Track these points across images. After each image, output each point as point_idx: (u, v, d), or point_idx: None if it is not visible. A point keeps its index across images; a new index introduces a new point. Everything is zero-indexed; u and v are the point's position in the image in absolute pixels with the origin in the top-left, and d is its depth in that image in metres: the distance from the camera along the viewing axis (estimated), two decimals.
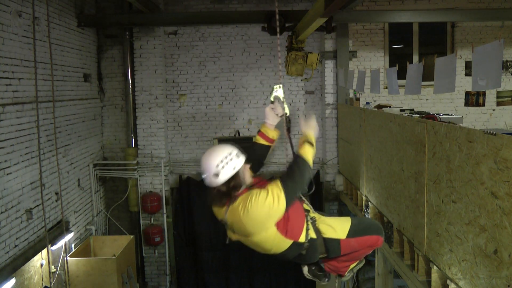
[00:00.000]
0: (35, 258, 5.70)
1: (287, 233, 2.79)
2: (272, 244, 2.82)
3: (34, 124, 5.49)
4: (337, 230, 3.01)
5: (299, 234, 2.87)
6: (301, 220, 2.91)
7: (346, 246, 3.04)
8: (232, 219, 2.73)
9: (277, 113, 3.12)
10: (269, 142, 3.12)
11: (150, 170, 8.16)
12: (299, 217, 2.90)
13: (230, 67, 8.48)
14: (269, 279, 8.64)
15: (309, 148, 2.90)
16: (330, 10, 4.74)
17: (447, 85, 3.68)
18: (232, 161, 2.71)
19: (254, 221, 2.64)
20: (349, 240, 3.02)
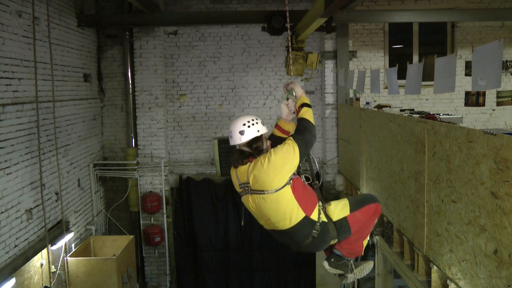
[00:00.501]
0: (35, 258, 5.70)
1: (301, 203, 3.06)
2: (286, 210, 3.03)
3: (34, 124, 5.49)
4: (341, 210, 3.30)
5: (311, 209, 3.12)
6: (314, 199, 3.21)
7: (354, 220, 3.32)
8: (254, 172, 3.01)
9: (290, 110, 3.46)
10: (285, 134, 3.44)
11: (150, 170, 8.16)
12: (312, 195, 3.21)
13: (230, 67, 8.48)
14: (269, 279, 8.64)
15: (307, 109, 3.30)
16: (330, 10, 4.74)
17: (447, 85, 3.68)
18: (257, 125, 3.09)
19: (275, 168, 2.96)
20: (354, 214, 3.32)
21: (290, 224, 3.07)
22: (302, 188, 3.12)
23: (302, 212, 3.06)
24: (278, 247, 8.40)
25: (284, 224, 3.08)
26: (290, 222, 3.06)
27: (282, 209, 3.04)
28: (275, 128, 3.50)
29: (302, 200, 3.07)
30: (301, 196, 3.07)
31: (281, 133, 3.45)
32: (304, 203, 3.08)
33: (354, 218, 3.32)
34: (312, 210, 3.12)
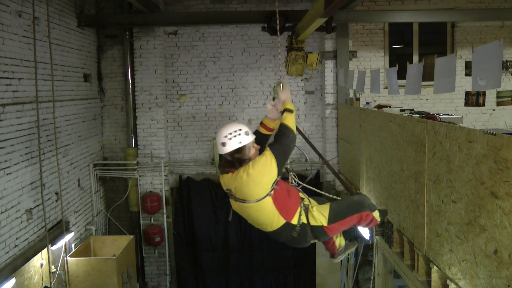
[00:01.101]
0: (35, 258, 5.70)
1: (282, 211, 3.19)
2: (267, 218, 3.20)
3: (34, 124, 5.49)
4: (318, 219, 3.33)
5: (292, 215, 3.24)
6: (296, 204, 3.30)
7: (331, 230, 3.37)
8: (235, 184, 3.12)
9: (277, 109, 3.50)
10: (269, 132, 3.56)
11: (150, 170, 8.16)
12: (294, 200, 3.29)
13: (230, 67, 8.48)
14: (269, 279, 8.64)
15: (289, 115, 3.31)
16: (330, 10, 4.74)
17: (447, 85, 3.68)
18: (239, 136, 3.10)
19: (254, 182, 3.04)
20: (332, 226, 3.35)
21: (272, 229, 3.27)
22: (284, 197, 3.20)
23: (283, 219, 3.21)
24: (278, 247, 8.41)
25: (266, 228, 3.29)
26: (271, 227, 3.25)
27: (263, 217, 3.20)
28: (260, 126, 3.57)
29: (283, 209, 3.19)
30: (282, 205, 3.18)
31: (266, 131, 3.53)
32: (285, 211, 3.21)
33: (332, 228, 3.37)
34: (293, 216, 3.25)
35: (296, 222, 3.26)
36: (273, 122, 3.53)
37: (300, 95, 8.59)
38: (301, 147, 8.59)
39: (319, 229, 3.34)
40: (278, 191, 3.17)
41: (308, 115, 8.64)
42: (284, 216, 3.21)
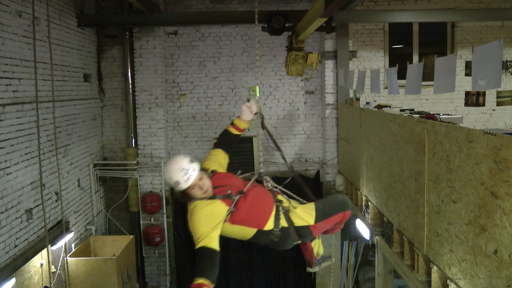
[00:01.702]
0: (35, 258, 5.70)
1: (248, 223, 3.11)
2: (233, 234, 3.16)
3: (34, 124, 5.49)
4: (304, 218, 3.25)
5: (263, 223, 3.15)
6: (267, 210, 3.19)
7: (316, 229, 3.31)
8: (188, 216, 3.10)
9: (251, 111, 3.52)
10: (239, 132, 3.58)
11: (150, 170, 8.16)
12: (262, 208, 3.18)
13: (230, 67, 8.48)
14: (269, 279, 8.64)
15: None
16: (330, 10, 4.74)
17: (447, 85, 3.68)
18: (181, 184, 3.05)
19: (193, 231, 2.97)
20: (318, 224, 3.28)
21: (246, 239, 3.23)
22: (246, 210, 3.10)
23: (253, 229, 3.14)
24: None
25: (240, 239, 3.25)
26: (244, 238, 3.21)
27: (230, 235, 3.18)
28: (231, 126, 3.55)
29: (249, 221, 3.12)
30: (246, 218, 3.10)
31: (236, 131, 3.55)
32: (252, 221, 3.12)
33: (317, 227, 3.30)
34: (265, 222, 3.15)
35: (272, 227, 3.17)
36: (244, 123, 3.54)
37: (300, 95, 8.59)
38: (301, 147, 8.63)
39: (304, 229, 3.26)
40: (236, 213, 3.09)
41: (308, 115, 8.64)
42: (252, 226, 3.14)
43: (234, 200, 3.08)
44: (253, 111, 3.51)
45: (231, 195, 3.11)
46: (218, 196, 3.08)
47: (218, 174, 3.32)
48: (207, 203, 3.03)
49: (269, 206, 3.21)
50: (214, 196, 3.09)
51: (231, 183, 3.21)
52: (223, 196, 3.09)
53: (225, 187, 3.15)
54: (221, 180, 3.23)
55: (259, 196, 3.21)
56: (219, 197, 3.08)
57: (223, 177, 3.29)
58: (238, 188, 3.18)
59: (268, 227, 3.15)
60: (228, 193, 3.11)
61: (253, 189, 3.24)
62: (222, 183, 3.19)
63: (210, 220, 2.95)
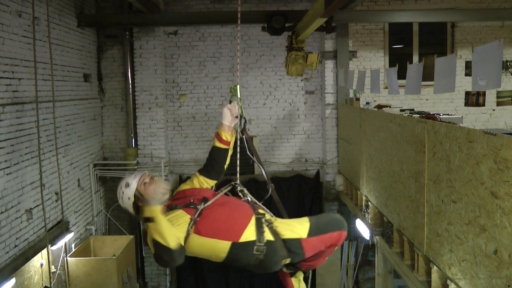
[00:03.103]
0: (35, 258, 5.69)
1: (217, 234, 2.62)
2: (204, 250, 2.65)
3: (34, 124, 5.49)
4: (296, 229, 2.78)
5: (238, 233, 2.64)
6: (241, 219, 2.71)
7: (309, 246, 2.78)
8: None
9: (233, 114, 3.07)
10: (224, 145, 3.05)
11: (150, 170, 8.15)
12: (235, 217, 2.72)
13: (230, 67, 8.48)
14: (269, 279, 8.63)
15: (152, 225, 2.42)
16: (330, 10, 4.74)
17: (447, 85, 3.68)
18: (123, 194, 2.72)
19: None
20: (310, 239, 2.76)
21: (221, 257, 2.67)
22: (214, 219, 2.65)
23: (227, 242, 2.62)
24: None
25: (215, 259, 2.71)
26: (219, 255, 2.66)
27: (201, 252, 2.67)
28: (215, 138, 3.07)
29: (220, 232, 2.62)
30: (216, 229, 2.62)
31: (220, 143, 3.06)
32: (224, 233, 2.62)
33: (310, 243, 2.77)
34: (241, 233, 2.64)
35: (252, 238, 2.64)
36: (226, 132, 3.04)
37: (300, 95, 8.59)
38: (301, 147, 8.63)
39: (295, 243, 2.73)
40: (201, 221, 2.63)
41: (308, 115, 8.63)
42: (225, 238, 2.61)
43: (197, 209, 2.65)
44: (234, 114, 3.06)
45: (193, 203, 2.71)
46: (179, 206, 2.69)
47: (186, 190, 2.94)
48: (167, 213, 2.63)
49: (245, 216, 2.73)
50: (174, 206, 2.70)
51: (196, 194, 2.83)
52: (184, 205, 2.69)
53: (187, 197, 2.79)
54: (184, 193, 2.88)
55: (232, 205, 2.79)
56: (180, 206, 2.69)
57: (189, 190, 2.92)
58: (202, 198, 2.76)
59: (245, 238, 2.62)
60: (190, 201, 2.72)
61: (224, 199, 2.85)
62: (184, 195, 2.85)
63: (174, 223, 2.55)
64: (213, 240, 2.61)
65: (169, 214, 2.63)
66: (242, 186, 3.01)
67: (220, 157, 3.07)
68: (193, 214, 2.62)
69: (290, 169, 8.63)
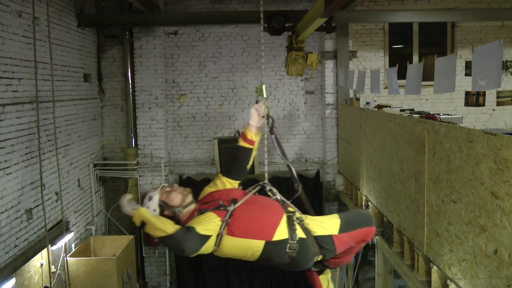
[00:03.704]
0: (35, 258, 5.69)
1: (250, 234, 2.69)
2: (238, 250, 2.72)
3: (34, 124, 5.49)
4: (327, 226, 2.83)
5: (271, 232, 2.70)
6: (273, 218, 2.77)
7: (340, 242, 2.83)
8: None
9: (260, 114, 3.10)
10: (249, 144, 3.08)
11: (150, 170, 8.16)
12: (267, 216, 2.77)
13: (230, 67, 8.48)
14: (269, 279, 8.63)
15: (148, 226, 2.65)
16: (330, 10, 4.74)
17: (447, 85, 3.68)
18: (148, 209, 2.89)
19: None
20: (342, 236, 2.82)
21: (255, 256, 2.74)
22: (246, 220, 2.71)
23: (260, 242, 2.68)
24: None
25: (249, 258, 2.78)
26: (254, 255, 2.73)
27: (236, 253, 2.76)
28: (240, 137, 3.10)
29: (253, 232, 2.69)
30: (248, 229, 2.69)
31: (245, 143, 3.07)
32: (257, 232, 2.69)
33: (342, 239, 2.83)
34: (274, 231, 2.70)
35: (285, 236, 2.70)
36: (252, 132, 3.06)
37: (300, 95, 8.59)
38: (301, 147, 8.62)
39: (327, 240, 2.80)
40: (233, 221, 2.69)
41: (308, 115, 8.64)
42: (258, 238, 2.69)
43: (228, 210, 2.71)
44: (261, 114, 3.08)
45: (223, 205, 2.76)
46: (209, 209, 2.75)
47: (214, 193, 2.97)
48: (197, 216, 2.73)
49: (277, 214, 2.80)
50: (204, 210, 2.76)
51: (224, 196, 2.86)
52: (214, 208, 2.75)
53: (216, 200, 2.83)
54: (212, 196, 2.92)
55: (262, 204, 2.84)
56: (210, 209, 2.75)
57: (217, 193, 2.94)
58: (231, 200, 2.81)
59: (278, 237, 2.69)
60: (219, 204, 2.77)
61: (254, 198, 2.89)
62: (212, 198, 2.88)
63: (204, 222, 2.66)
64: (247, 240, 2.68)
65: (201, 215, 2.70)
66: (270, 186, 3.04)
67: (244, 156, 3.09)
68: (224, 215, 2.68)
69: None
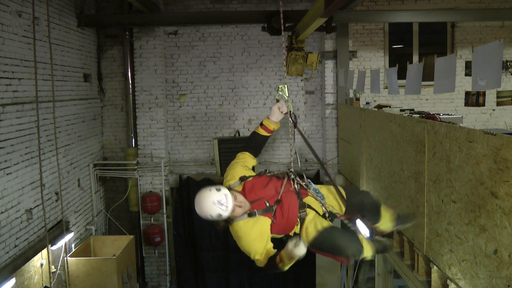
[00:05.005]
0: (35, 258, 5.70)
1: (281, 231, 3.11)
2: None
3: (34, 124, 5.49)
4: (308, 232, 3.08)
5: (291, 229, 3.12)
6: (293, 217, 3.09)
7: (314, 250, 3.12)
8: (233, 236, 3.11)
9: (282, 111, 3.41)
10: (269, 133, 3.47)
11: (150, 170, 8.16)
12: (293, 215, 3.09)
13: (230, 67, 8.48)
14: (269, 279, 8.64)
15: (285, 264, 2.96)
16: (330, 10, 4.74)
17: (447, 85, 3.68)
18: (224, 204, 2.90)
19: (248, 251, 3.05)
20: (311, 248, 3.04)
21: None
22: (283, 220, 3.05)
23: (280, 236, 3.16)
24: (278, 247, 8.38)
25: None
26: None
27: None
28: (261, 128, 3.43)
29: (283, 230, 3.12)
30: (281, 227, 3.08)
31: (266, 132, 3.44)
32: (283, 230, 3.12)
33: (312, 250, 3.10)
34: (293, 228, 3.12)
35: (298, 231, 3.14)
36: (274, 124, 3.42)
37: (300, 95, 8.59)
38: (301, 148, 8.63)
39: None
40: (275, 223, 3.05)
41: (308, 115, 8.64)
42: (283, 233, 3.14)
43: (273, 210, 3.03)
44: (284, 111, 3.40)
45: (270, 207, 3.04)
46: (258, 212, 3.01)
47: (249, 184, 3.15)
48: (251, 223, 2.99)
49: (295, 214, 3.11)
50: (254, 213, 3.00)
51: (265, 194, 3.09)
52: (263, 211, 3.02)
53: (261, 199, 3.06)
54: (255, 192, 3.11)
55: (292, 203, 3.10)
56: (259, 212, 3.01)
57: (254, 186, 3.14)
58: (273, 197, 3.09)
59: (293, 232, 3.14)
60: (267, 206, 3.04)
61: (286, 196, 3.13)
62: (257, 196, 3.08)
63: (262, 238, 2.99)
64: (278, 236, 3.14)
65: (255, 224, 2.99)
66: (294, 175, 3.33)
67: (263, 141, 3.50)
68: (270, 216, 3.04)
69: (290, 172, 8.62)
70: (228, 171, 3.29)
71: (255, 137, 3.45)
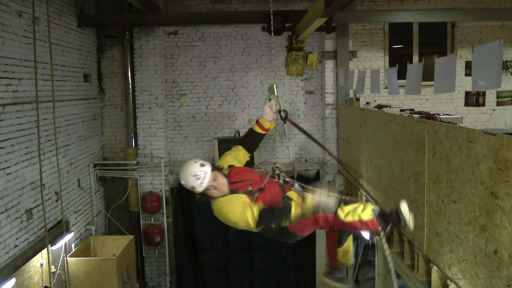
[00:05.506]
0: (35, 258, 5.70)
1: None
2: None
3: (34, 124, 5.49)
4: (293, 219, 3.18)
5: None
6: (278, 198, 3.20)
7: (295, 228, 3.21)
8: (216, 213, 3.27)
9: (272, 110, 3.57)
10: (264, 131, 3.61)
11: (150, 170, 8.16)
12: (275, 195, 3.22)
13: (230, 67, 8.48)
14: (269, 279, 8.64)
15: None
16: (330, 10, 4.74)
17: (447, 85, 3.68)
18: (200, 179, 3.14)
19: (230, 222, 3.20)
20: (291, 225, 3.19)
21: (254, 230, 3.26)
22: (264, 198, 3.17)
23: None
24: (278, 247, 8.40)
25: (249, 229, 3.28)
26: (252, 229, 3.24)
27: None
28: (256, 125, 3.60)
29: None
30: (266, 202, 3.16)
31: (261, 130, 3.59)
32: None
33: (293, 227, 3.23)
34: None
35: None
36: (268, 122, 3.58)
37: (300, 95, 8.59)
38: (301, 147, 8.63)
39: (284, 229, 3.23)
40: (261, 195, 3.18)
41: (308, 115, 8.64)
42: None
43: (254, 196, 3.15)
44: (273, 110, 3.56)
45: (252, 191, 3.19)
46: (240, 192, 3.17)
47: (236, 169, 3.37)
48: (233, 198, 3.14)
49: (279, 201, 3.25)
50: (236, 191, 3.17)
51: (250, 178, 3.27)
52: (245, 192, 3.17)
53: (245, 181, 3.23)
54: (240, 174, 3.29)
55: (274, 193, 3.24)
56: (242, 192, 3.17)
57: (241, 171, 3.35)
58: (257, 184, 3.25)
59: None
60: (249, 189, 3.19)
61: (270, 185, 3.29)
62: (241, 177, 3.26)
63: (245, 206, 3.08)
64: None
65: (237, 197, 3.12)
66: (279, 170, 3.45)
67: (259, 139, 3.66)
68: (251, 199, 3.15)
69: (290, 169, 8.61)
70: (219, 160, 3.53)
71: (250, 133, 3.64)
